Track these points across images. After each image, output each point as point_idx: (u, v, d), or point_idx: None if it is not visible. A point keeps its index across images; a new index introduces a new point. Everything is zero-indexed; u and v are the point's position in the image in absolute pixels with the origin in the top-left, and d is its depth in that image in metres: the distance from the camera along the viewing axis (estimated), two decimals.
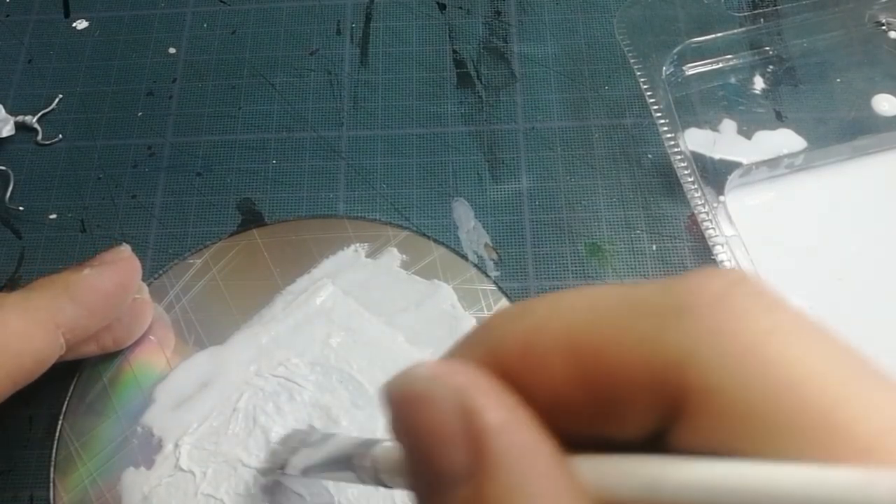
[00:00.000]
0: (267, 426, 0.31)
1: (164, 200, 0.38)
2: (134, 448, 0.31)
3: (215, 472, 0.30)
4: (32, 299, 0.28)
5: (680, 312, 0.12)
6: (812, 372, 0.12)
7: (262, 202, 0.38)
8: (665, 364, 0.12)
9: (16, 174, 0.39)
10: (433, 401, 0.13)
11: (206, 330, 0.34)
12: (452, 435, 0.12)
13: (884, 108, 0.38)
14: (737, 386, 0.12)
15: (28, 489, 0.31)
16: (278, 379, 0.32)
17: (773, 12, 0.40)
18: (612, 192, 0.37)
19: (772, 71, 0.39)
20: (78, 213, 0.38)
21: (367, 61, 0.42)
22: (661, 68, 0.37)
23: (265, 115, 0.40)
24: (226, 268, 0.35)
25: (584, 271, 0.35)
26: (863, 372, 0.12)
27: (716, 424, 0.12)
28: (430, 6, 0.43)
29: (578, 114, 0.39)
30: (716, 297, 0.12)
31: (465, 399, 0.12)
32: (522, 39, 0.42)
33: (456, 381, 0.13)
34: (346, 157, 0.39)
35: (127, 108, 0.41)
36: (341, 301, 0.34)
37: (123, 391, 0.32)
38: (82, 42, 0.43)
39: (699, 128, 0.38)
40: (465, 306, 0.34)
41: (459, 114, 0.40)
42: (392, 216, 0.37)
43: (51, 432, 0.32)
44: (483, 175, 0.38)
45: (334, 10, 0.43)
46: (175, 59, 0.42)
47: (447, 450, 0.12)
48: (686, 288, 0.13)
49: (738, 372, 0.12)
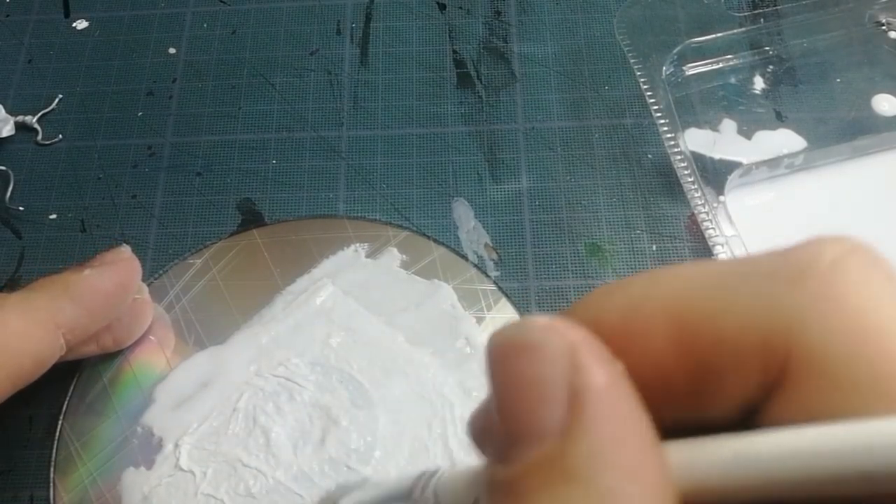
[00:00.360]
0: (267, 426, 0.31)
1: (164, 200, 0.38)
2: (134, 448, 0.31)
3: (215, 472, 0.30)
4: (32, 300, 0.28)
5: (794, 278, 0.12)
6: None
7: (262, 202, 0.38)
8: (775, 328, 0.12)
9: (16, 174, 0.39)
10: (544, 350, 0.12)
11: (206, 330, 0.34)
12: (554, 388, 0.12)
13: (884, 108, 0.38)
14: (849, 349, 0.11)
15: (28, 489, 0.31)
16: (278, 379, 0.32)
17: (773, 12, 0.40)
18: (612, 192, 0.37)
19: (772, 71, 0.39)
20: (78, 213, 0.38)
21: (367, 61, 0.42)
22: (661, 68, 0.37)
23: (265, 115, 0.40)
24: (226, 268, 0.35)
25: (584, 271, 0.35)
26: None
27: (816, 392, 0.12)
28: (430, 6, 0.43)
29: (578, 114, 0.39)
30: (831, 264, 0.12)
31: (577, 354, 0.12)
32: (522, 39, 0.42)
33: (571, 335, 0.12)
34: (346, 157, 0.39)
35: (127, 108, 0.41)
36: (341, 301, 0.34)
37: (123, 391, 0.32)
38: (82, 42, 0.43)
39: (699, 128, 0.38)
40: (465, 306, 0.34)
41: (459, 114, 0.40)
42: (392, 216, 0.37)
43: (51, 432, 0.32)
44: (483, 175, 0.38)
45: (334, 10, 0.43)
46: (175, 59, 0.42)
47: (543, 403, 0.12)
48: (801, 254, 0.12)
49: (852, 335, 0.12)
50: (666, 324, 0.13)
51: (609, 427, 0.12)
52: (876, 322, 0.12)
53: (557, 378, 0.12)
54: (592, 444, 0.11)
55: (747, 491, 0.12)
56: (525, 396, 0.12)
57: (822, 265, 0.12)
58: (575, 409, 0.12)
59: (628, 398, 0.12)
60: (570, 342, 0.12)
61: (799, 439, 0.11)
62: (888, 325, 0.12)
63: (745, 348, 0.12)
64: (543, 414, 0.12)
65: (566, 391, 0.12)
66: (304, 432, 0.31)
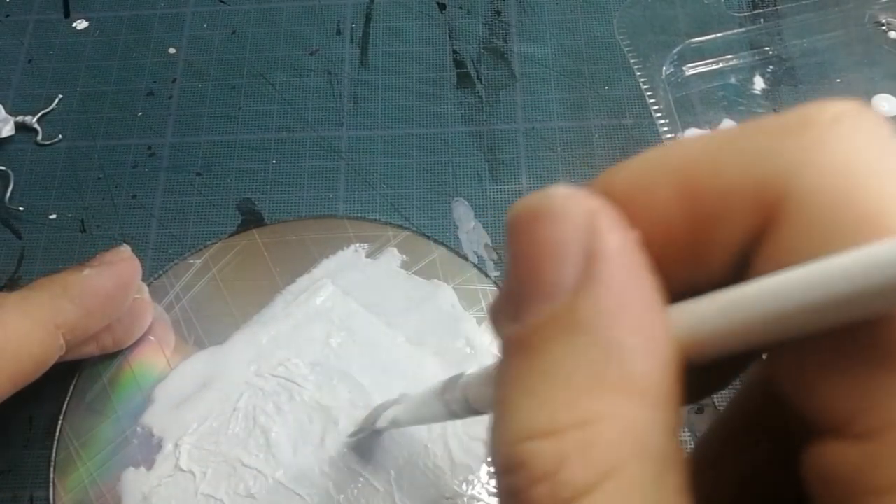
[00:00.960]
0: (267, 426, 0.31)
1: (164, 200, 0.38)
2: (134, 448, 0.31)
3: (215, 472, 0.30)
4: (32, 300, 0.28)
5: (794, 129, 0.13)
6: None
7: (262, 202, 0.38)
8: (769, 173, 0.13)
9: (16, 174, 0.39)
10: (563, 215, 0.13)
11: (206, 330, 0.34)
12: (571, 249, 0.13)
13: (884, 108, 0.38)
14: (830, 195, 0.12)
15: (28, 489, 0.31)
16: (278, 379, 0.32)
17: (773, 12, 0.40)
18: None
19: (772, 71, 0.39)
20: (78, 213, 0.38)
21: (367, 61, 0.42)
22: (661, 68, 0.37)
23: (265, 115, 0.40)
24: (226, 268, 0.35)
25: None
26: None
27: (810, 231, 0.12)
28: (430, 6, 0.43)
29: (578, 114, 0.39)
30: (834, 117, 0.13)
31: (594, 220, 0.13)
32: (522, 39, 0.42)
33: (589, 203, 0.13)
34: (346, 157, 0.39)
35: (127, 108, 0.41)
36: (341, 301, 0.34)
37: (123, 391, 0.32)
38: (82, 42, 0.43)
39: (699, 128, 0.38)
40: (465, 306, 0.34)
41: (459, 114, 0.40)
42: (392, 216, 0.37)
43: (51, 432, 0.32)
44: (483, 175, 0.38)
45: (334, 10, 0.43)
46: (175, 59, 0.42)
47: (559, 263, 0.13)
48: (806, 110, 0.13)
49: (844, 177, 0.12)
50: (671, 181, 0.13)
51: (618, 286, 0.12)
52: (865, 168, 0.12)
53: (574, 240, 0.13)
54: (601, 300, 0.12)
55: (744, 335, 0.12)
56: (542, 258, 0.13)
57: (822, 119, 0.13)
58: (589, 268, 0.12)
59: (639, 262, 0.13)
60: (588, 209, 0.13)
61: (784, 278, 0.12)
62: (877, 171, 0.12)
63: (740, 192, 0.13)
64: (558, 273, 0.13)
65: (582, 252, 0.13)
66: (304, 432, 0.31)
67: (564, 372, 0.12)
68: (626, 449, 0.12)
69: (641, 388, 0.12)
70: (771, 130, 0.13)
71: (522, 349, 0.13)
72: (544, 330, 0.13)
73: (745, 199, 0.13)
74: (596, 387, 0.12)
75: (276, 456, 0.30)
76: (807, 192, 0.12)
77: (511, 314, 0.14)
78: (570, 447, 0.12)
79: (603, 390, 0.12)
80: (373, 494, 0.29)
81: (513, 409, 0.12)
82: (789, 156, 0.12)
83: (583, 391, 0.12)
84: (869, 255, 0.11)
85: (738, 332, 0.12)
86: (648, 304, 0.13)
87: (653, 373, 0.12)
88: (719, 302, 0.13)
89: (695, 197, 0.13)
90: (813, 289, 0.11)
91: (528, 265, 0.13)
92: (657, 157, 0.14)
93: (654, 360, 0.12)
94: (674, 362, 0.13)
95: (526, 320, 0.13)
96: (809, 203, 0.12)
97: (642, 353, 0.12)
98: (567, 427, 0.12)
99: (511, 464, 0.12)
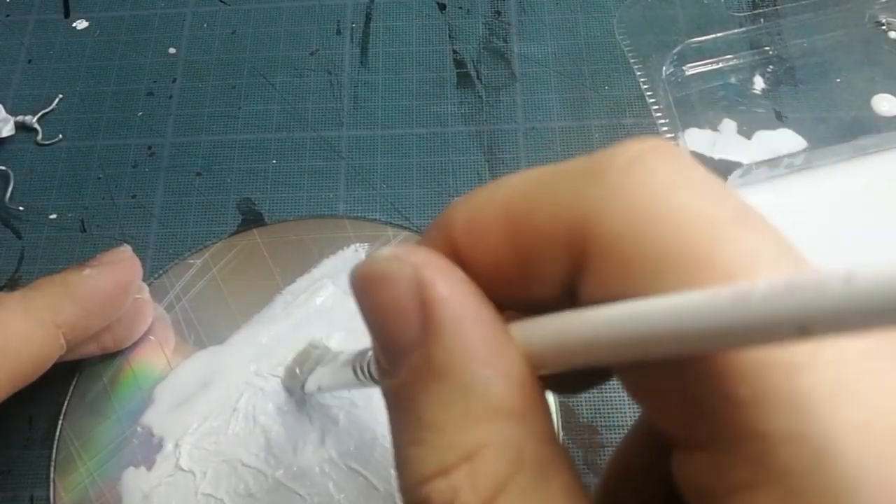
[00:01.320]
0: (267, 426, 0.31)
1: (164, 200, 0.38)
2: (134, 448, 0.31)
3: (215, 472, 0.30)
4: (32, 299, 0.28)
5: (596, 173, 0.14)
6: (700, 217, 0.13)
7: (262, 202, 0.38)
8: (576, 217, 0.14)
9: (16, 174, 0.39)
10: (392, 277, 0.14)
11: (206, 330, 0.34)
12: (408, 307, 0.14)
13: (884, 108, 0.38)
14: (632, 233, 0.13)
15: (28, 489, 0.31)
16: (278, 379, 0.32)
17: (773, 12, 0.40)
18: None
19: (772, 71, 0.39)
20: (78, 213, 0.38)
21: (367, 61, 0.42)
22: (661, 68, 0.37)
23: (265, 115, 0.40)
24: (226, 268, 0.35)
25: None
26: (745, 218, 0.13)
27: (613, 271, 0.13)
28: (430, 6, 0.43)
29: (578, 114, 0.39)
30: (630, 159, 0.14)
31: (419, 274, 0.14)
32: (522, 39, 0.42)
33: (412, 259, 0.14)
34: (346, 157, 0.39)
35: (127, 108, 0.41)
36: (341, 301, 0.34)
37: (123, 391, 0.32)
38: (82, 42, 0.43)
39: (699, 128, 0.38)
40: None
41: (459, 114, 0.40)
42: (392, 216, 0.37)
43: (51, 432, 0.32)
44: (483, 175, 0.38)
45: (334, 10, 0.43)
46: (175, 59, 0.42)
47: (403, 321, 0.14)
48: (605, 154, 0.14)
49: (635, 220, 0.13)
50: (499, 222, 0.15)
51: (457, 327, 0.14)
52: (661, 204, 0.13)
53: (407, 297, 0.14)
54: (448, 344, 0.14)
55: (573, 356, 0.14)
56: (386, 317, 0.14)
57: (620, 161, 0.14)
58: (428, 319, 0.14)
59: (472, 298, 0.14)
60: (412, 264, 0.14)
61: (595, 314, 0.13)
62: (670, 205, 0.13)
63: (552, 235, 0.14)
64: (403, 329, 0.14)
65: (418, 305, 0.14)
66: (304, 432, 0.31)
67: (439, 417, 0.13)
68: (507, 467, 0.13)
69: (504, 410, 0.13)
70: (576, 174, 0.14)
71: (399, 401, 0.14)
72: (411, 383, 0.14)
73: (558, 239, 0.14)
74: (467, 422, 0.13)
75: (276, 456, 0.30)
76: (606, 236, 0.13)
77: (382, 369, 0.15)
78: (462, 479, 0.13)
79: (473, 423, 0.13)
80: (373, 494, 0.29)
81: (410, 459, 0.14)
82: (590, 200, 0.14)
83: (458, 429, 0.13)
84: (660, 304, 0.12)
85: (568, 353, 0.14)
86: (490, 334, 0.14)
87: (509, 394, 0.13)
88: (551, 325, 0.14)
89: (517, 234, 0.15)
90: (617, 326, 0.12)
91: (378, 326, 0.15)
92: (488, 194, 0.15)
93: (508, 381, 0.13)
94: (527, 376, 0.14)
95: (394, 375, 0.14)
96: (608, 246, 0.13)
97: (495, 379, 0.13)
98: (454, 464, 0.13)
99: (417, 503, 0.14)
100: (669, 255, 0.13)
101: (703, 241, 0.13)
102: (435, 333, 0.14)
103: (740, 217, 0.13)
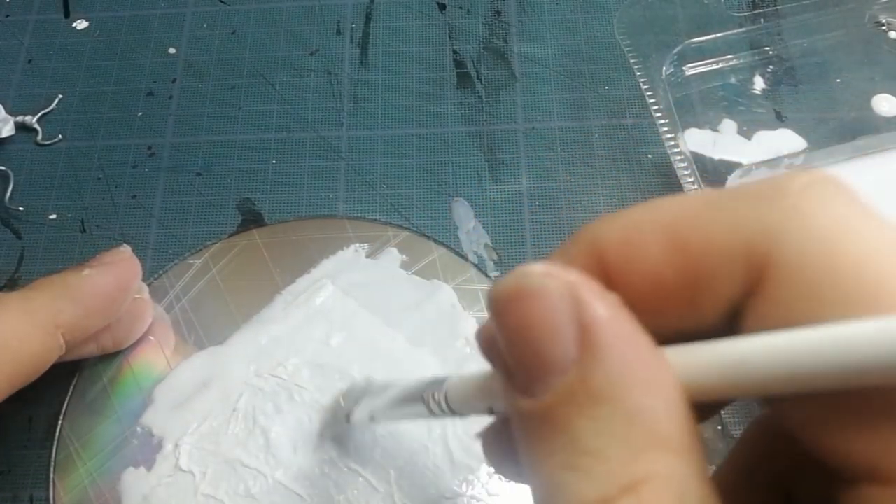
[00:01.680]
0: (267, 426, 0.31)
1: (164, 200, 0.38)
2: (134, 448, 0.31)
3: (215, 472, 0.30)
4: (32, 300, 0.28)
5: (771, 196, 0.14)
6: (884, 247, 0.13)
7: (262, 202, 0.38)
8: (756, 235, 0.14)
9: (16, 174, 0.39)
10: (547, 295, 0.14)
11: (206, 330, 0.34)
12: (563, 326, 0.13)
13: (884, 108, 0.38)
14: (820, 255, 0.13)
15: (28, 489, 0.31)
16: (278, 379, 0.32)
17: (773, 12, 0.40)
18: (612, 193, 0.37)
19: (772, 71, 0.39)
20: (78, 213, 0.38)
21: (367, 61, 0.42)
22: (661, 68, 0.37)
23: (265, 115, 0.40)
24: (226, 268, 0.35)
25: None
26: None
27: (796, 293, 0.13)
28: (430, 6, 0.43)
29: (578, 114, 0.39)
30: (804, 185, 0.14)
31: (577, 293, 0.13)
32: (522, 39, 0.42)
33: (568, 277, 0.14)
34: (346, 157, 0.39)
35: (127, 108, 0.41)
36: (341, 301, 0.34)
37: (123, 391, 0.32)
38: (82, 42, 0.43)
39: (699, 128, 0.38)
40: (464, 306, 0.34)
41: (459, 114, 0.40)
42: (392, 216, 0.37)
43: (51, 432, 0.32)
44: (483, 175, 0.38)
45: (334, 10, 0.43)
46: (175, 59, 0.42)
47: (556, 340, 0.13)
48: (777, 181, 0.14)
49: (822, 243, 0.13)
50: (662, 237, 0.14)
51: (619, 351, 0.13)
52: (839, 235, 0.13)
53: (564, 316, 0.13)
54: (610, 368, 0.13)
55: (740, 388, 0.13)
56: (538, 336, 0.14)
57: (795, 187, 0.14)
58: (587, 340, 0.13)
59: (629, 322, 0.14)
60: (568, 283, 0.14)
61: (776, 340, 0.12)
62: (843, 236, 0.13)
63: (731, 251, 0.14)
64: (558, 349, 0.13)
65: (575, 326, 0.13)
66: (303, 432, 0.31)
67: (600, 443, 0.13)
68: (674, 501, 0.12)
69: (671, 442, 0.13)
70: (751, 196, 0.14)
71: (545, 424, 0.14)
72: (563, 405, 0.13)
73: (735, 258, 0.14)
74: (631, 451, 0.13)
75: (276, 456, 0.30)
76: (791, 256, 0.13)
77: (521, 389, 0.14)
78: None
79: (639, 453, 0.13)
80: (373, 494, 0.29)
81: (564, 485, 0.13)
82: (770, 220, 0.13)
83: (623, 459, 0.13)
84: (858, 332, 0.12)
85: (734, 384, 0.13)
86: (652, 362, 0.13)
87: (676, 425, 0.13)
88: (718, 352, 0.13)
89: (686, 253, 0.14)
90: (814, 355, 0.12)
91: (526, 344, 0.14)
92: (645, 213, 0.15)
93: (674, 413, 0.13)
94: (686, 407, 0.13)
95: (538, 396, 0.14)
96: (795, 267, 0.13)
97: (662, 410, 0.13)
98: (618, 494, 0.13)
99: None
100: (861, 281, 0.12)
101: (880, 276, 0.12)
102: (594, 356, 0.13)
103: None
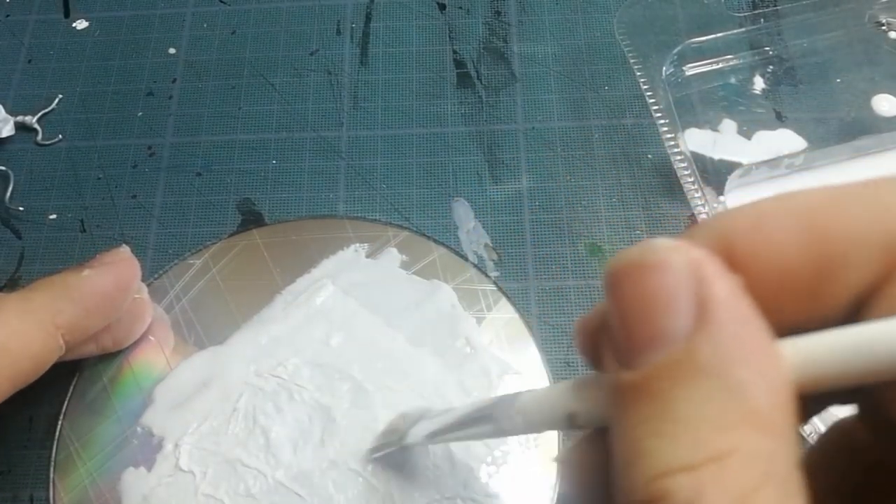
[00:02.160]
0: (267, 426, 0.31)
1: (164, 200, 0.38)
2: (134, 448, 0.31)
3: (215, 472, 0.30)
4: (32, 300, 0.28)
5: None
6: None
7: (262, 202, 0.38)
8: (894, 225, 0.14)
9: (16, 174, 0.39)
10: (670, 267, 0.14)
11: (206, 330, 0.34)
12: (682, 300, 0.14)
13: (884, 108, 0.38)
14: None
15: (28, 489, 0.31)
16: (278, 379, 0.32)
17: (773, 12, 0.40)
18: (612, 192, 0.37)
19: (772, 71, 0.39)
20: (78, 213, 0.38)
21: (367, 61, 0.42)
22: (661, 68, 0.37)
23: (265, 115, 0.40)
24: (226, 268, 0.35)
25: (584, 271, 0.35)
26: None
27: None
28: (430, 6, 0.43)
29: (578, 114, 0.39)
30: None
31: (700, 270, 0.14)
32: (522, 39, 0.42)
33: (692, 253, 0.14)
34: (346, 157, 0.39)
35: (127, 108, 0.41)
36: (341, 301, 0.34)
37: (123, 391, 0.32)
38: (82, 42, 0.43)
39: (699, 128, 0.38)
40: (464, 306, 0.34)
41: (459, 114, 0.40)
42: (392, 216, 0.37)
43: (51, 432, 0.32)
44: (483, 175, 0.38)
45: (334, 10, 0.43)
46: (175, 59, 0.42)
47: (672, 311, 0.14)
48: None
49: None
50: (795, 222, 0.15)
51: (732, 330, 0.13)
52: None
53: (685, 289, 0.14)
54: (720, 344, 0.13)
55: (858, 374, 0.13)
56: (654, 307, 0.14)
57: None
58: (702, 315, 0.13)
59: (746, 304, 0.14)
60: (692, 259, 0.14)
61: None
62: None
63: (867, 239, 0.14)
64: (671, 321, 0.14)
65: (693, 300, 0.14)
66: (303, 432, 0.31)
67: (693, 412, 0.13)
68: (757, 477, 0.13)
69: (765, 422, 0.13)
70: (887, 187, 0.14)
71: (643, 394, 0.14)
72: (664, 377, 0.14)
73: (872, 247, 0.14)
74: (725, 424, 0.13)
75: (276, 456, 0.30)
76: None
77: (621, 361, 0.14)
78: (707, 479, 0.13)
79: (731, 426, 0.13)
80: (373, 494, 0.29)
81: (649, 450, 0.13)
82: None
83: (713, 429, 0.13)
84: None
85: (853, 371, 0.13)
86: (762, 345, 0.14)
87: (774, 407, 0.13)
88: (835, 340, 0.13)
89: (821, 240, 0.14)
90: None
91: (639, 314, 0.14)
92: (776, 201, 0.15)
93: (775, 395, 0.13)
94: (789, 394, 0.13)
95: (640, 367, 0.14)
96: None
97: (763, 389, 0.13)
98: (703, 462, 0.13)
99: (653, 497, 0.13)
100: None
101: None
102: (708, 331, 0.13)
103: None
